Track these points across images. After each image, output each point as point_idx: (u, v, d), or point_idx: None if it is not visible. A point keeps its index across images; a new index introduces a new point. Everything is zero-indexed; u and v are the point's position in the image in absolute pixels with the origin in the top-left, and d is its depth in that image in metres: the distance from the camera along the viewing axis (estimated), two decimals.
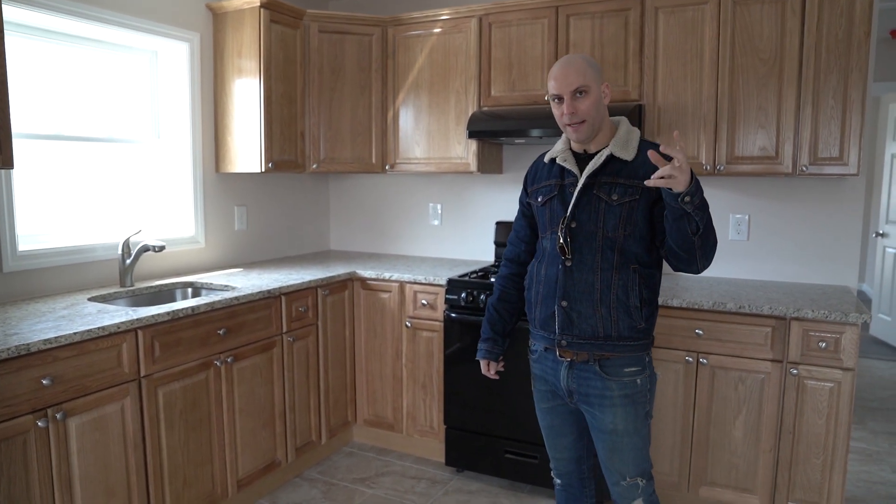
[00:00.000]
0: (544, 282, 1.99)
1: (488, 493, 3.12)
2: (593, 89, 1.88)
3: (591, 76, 1.89)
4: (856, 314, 2.49)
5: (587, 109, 1.89)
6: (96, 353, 2.18)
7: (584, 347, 1.93)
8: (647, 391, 1.97)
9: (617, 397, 1.93)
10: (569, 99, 1.89)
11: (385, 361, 3.50)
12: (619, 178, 1.90)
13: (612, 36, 3.09)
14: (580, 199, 1.93)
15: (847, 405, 2.56)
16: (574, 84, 1.87)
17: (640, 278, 1.91)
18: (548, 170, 2.07)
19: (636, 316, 1.90)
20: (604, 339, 1.91)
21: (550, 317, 1.97)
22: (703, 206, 1.71)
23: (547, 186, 2.04)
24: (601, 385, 1.94)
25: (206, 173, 3.45)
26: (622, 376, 1.93)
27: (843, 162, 2.77)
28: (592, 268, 1.91)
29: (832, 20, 2.72)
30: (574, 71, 1.88)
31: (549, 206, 2.02)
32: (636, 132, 1.99)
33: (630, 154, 1.92)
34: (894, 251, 6.02)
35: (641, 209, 1.89)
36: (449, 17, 3.46)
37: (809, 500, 2.65)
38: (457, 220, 4.01)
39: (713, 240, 1.81)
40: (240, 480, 2.84)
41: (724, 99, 2.92)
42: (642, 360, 1.96)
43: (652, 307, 1.96)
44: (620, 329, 1.90)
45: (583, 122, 1.90)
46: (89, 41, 2.98)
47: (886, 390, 4.71)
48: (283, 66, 3.39)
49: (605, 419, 1.95)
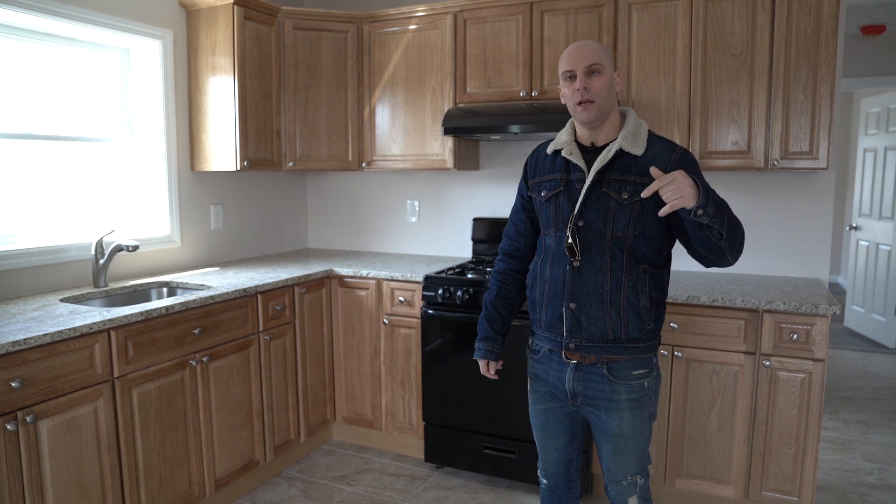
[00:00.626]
0: (550, 282, 1.92)
1: (467, 488, 3.13)
2: (607, 71, 1.83)
3: (605, 58, 1.84)
4: (826, 306, 2.53)
5: (600, 88, 1.82)
6: (67, 355, 2.16)
7: (592, 350, 1.88)
8: (653, 392, 1.94)
9: (624, 401, 1.88)
10: (581, 75, 1.82)
11: (363, 359, 3.50)
12: (629, 175, 1.83)
13: (585, 32, 3.11)
14: (588, 196, 1.85)
15: (818, 395, 2.60)
16: (588, 60, 1.82)
17: (650, 279, 1.86)
18: (551, 162, 1.98)
19: (646, 317, 1.85)
20: (613, 342, 1.86)
21: (558, 319, 1.90)
22: (720, 213, 1.67)
23: (551, 181, 1.95)
24: (608, 388, 1.88)
25: (181, 172, 3.42)
26: (630, 379, 1.88)
27: (813, 156, 2.81)
28: (601, 269, 1.84)
29: (801, 16, 2.76)
30: (589, 49, 1.84)
31: (553, 202, 1.93)
32: (644, 125, 1.91)
33: (640, 149, 1.84)
34: (867, 244, 6.12)
35: (653, 208, 1.81)
36: (424, 13, 3.45)
37: (782, 490, 2.69)
38: (434, 217, 4.01)
39: (740, 234, 1.76)
40: (218, 480, 2.82)
41: (696, 94, 2.94)
42: (650, 361, 1.92)
43: (661, 307, 1.91)
44: (630, 331, 1.85)
45: (593, 101, 1.82)
46: (59, 38, 2.94)
47: (859, 380, 4.79)
48: (257, 63, 3.37)
49: (611, 422, 1.90)
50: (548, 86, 3.21)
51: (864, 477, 3.25)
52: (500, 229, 3.69)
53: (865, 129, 6.29)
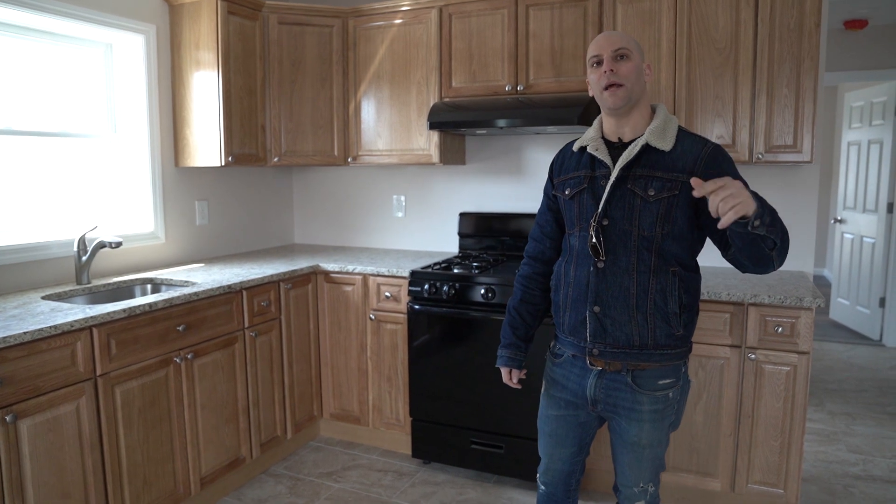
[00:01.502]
0: (574, 284, 1.84)
1: (454, 483, 3.13)
2: (635, 57, 1.76)
3: (633, 45, 1.78)
4: (810, 299, 2.55)
5: (627, 72, 1.74)
6: (49, 353, 2.13)
7: (617, 357, 1.79)
8: (677, 402, 1.86)
9: (646, 412, 1.81)
10: (608, 58, 1.75)
11: (350, 355, 3.48)
12: (656, 171, 1.74)
13: (571, 26, 3.10)
14: (613, 193, 1.77)
15: (803, 388, 2.61)
16: (616, 45, 1.75)
17: (680, 282, 1.77)
18: (577, 159, 1.90)
19: (675, 323, 1.76)
20: (639, 349, 1.77)
21: (581, 323, 1.82)
22: (775, 221, 1.53)
23: (576, 178, 1.87)
24: (631, 398, 1.81)
25: (165, 168, 3.39)
26: (655, 390, 1.80)
27: (797, 149, 2.82)
28: (627, 270, 1.75)
29: (784, 11, 2.76)
30: (616, 35, 1.79)
31: (577, 199, 1.85)
32: (674, 120, 1.82)
33: (668, 144, 1.75)
34: (852, 237, 6.17)
35: (682, 206, 1.73)
36: (409, 8, 3.43)
37: (768, 482, 2.71)
38: (421, 212, 4.00)
39: (788, 241, 1.62)
40: (203, 478, 2.81)
41: (681, 88, 2.95)
42: (678, 370, 1.83)
43: (692, 312, 1.82)
44: (657, 337, 1.76)
45: (621, 85, 1.74)
46: (39, 33, 2.90)
47: (844, 372, 4.83)
48: (242, 58, 3.35)
49: (630, 431, 1.84)
50: (533, 80, 3.20)
51: (849, 468, 3.28)
52: (486, 224, 3.69)
53: (849, 123, 6.34)
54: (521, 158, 3.68)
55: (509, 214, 3.65)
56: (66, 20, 2.85)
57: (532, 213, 3.58)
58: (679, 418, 1.91)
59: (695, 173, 1.70)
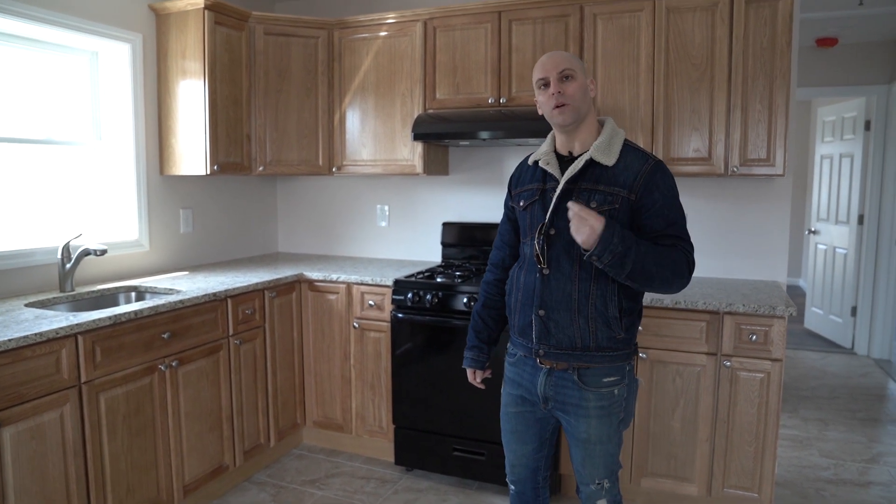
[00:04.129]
0: (523, 289, 1.95)
1: (437, 490, 3.16)
2: (580, 76, 1.87)
3: (576, 65, 1.88)
4: (783, 307, 2.62)
5: (574, 92, 1.85)
6: (33, 360, 2.14)
7: (561, 358, 1.90)
8: (624, 400, 1.94)
9: (593, 408, 1.90)
10: (555, 80, 1.86)
11: (333, 363, 3.51)
12: (598, 185, 1.85)
13: (552, 41, 3.18)
14: (559, 205, 1.87)
15: (776, 394, 2.69)
16: (561, 66, 1.86)
17: (620, 288, 1.85)
18: (531, 172, 2.02)
19: (615, 326, 1.86)
20: (582, 350, 1.87)
21: (528, 325, 1.93)
22: (618, 265, 1.72)
23: (529, 190, 1.99)
24: (578, 395, 1.90)
25: (150, 176, 3.40)
26: (600, 387, 1.89)
27: (770, 163, 2.91)
28: (570, 277, 1.85)
29: (757, 29, 2.86)
30: (560, 57, 1.89)
31: (529, 210, 1.97)
32: (620, 135, 1.92)
33: (611, 159, 1.85)
34: (825, 247, 6.31)
35: (621, 219, 1.83)
36: (394, 20, 3.49)
37: (743, 486, 2.78)
38: (404, 222, 4.04)
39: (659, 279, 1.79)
40: (186, 485, 2.81)
41: (659, 102, 3.03)
42: (622, 369, 1.92)
43: (633, 317, 1.92)
44: (599, 340, 1.86)
45: (568, 104, 1.85)
46: (24, 40, 2.91)
47: (817, 380, 4.94)
48: (228, 67, 3.37)
49: (579, 428, 1.93)
50: (516, 93, 3.27)
51: (821, 472, 3.37)
52: (469, 234, 3.74)
53: (822, 137, 6.50)
54: (504, 169, 3.74)
55: (491, 224, 3.70)
56: (52, 28, 2.87)
57: None
58: (629, 416, 1.99)
59: (634, 189, 1.84)
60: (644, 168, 1.85)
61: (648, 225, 1.84)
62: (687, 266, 1.82)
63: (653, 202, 1.83)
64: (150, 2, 3.32)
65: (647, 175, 1.84)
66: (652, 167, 1.86)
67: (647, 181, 1.84)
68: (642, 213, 1.84)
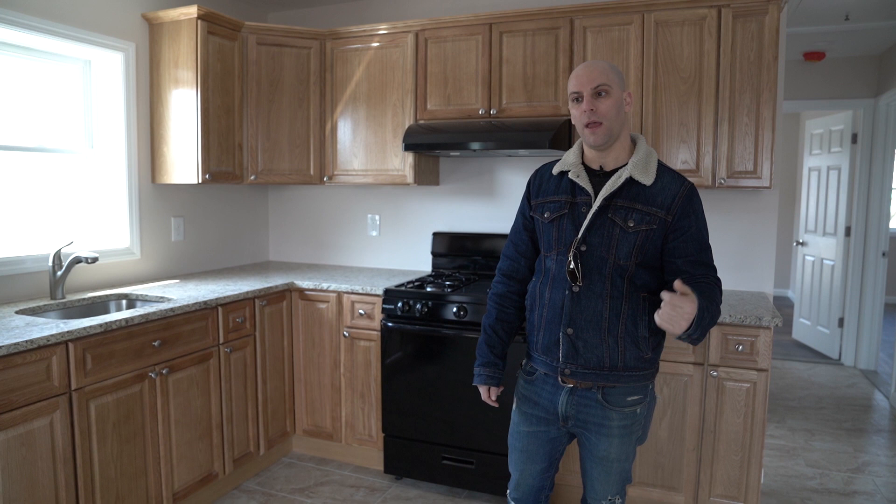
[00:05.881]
0: (549, 306, 1.89)
1: (426, 499, 3.17)
2: (615, 91, 1.80)
3: (613, 78, 1.81)
4: (769, 318, 2.66)
5: (607, 110, 1.79)
6: (24, 367, 2.14)
7: (588, 377, 1.86)
8: (644, 418, 1.93)
9: (616, 428, 1.88)
10: (588, 96, 1.80)
11: (323, 371, 3.52)
12: (636, 204, 1.80)
13: (543, 53, 3.22)
14: (594, 221, 1.82)
15: (762, 404, 2.72)
16: (596, 81, 1.79)
17: (650, 307, 1.82)
18: (556, 183, 1.94)
19: (644, 346, 1.84)
20: (609, 370, 1.84)
21: (555, 343, 1.88)
22: (701, 336, 1.70)
23: (556, 203, 1.92)
24: (601, 414, 1.88)
25: (142, 184, 3.41)
26: (624, 406, 1.87)
27: (756, 175, 2.95)
28: (601, 295, 1.81)
29: (744, 43, 2.90)
30: (597, 69, 1.81)
31: (557, 224, 1.90)
32: (654, 154, 1.88)
33: (650, 178, 1.81)
34: (812, 259, 6.37)
35: (655, 239, 1.81)
36: (386, 31, 3.52)
37: (730, 495, 2.80)
38: (395, 231, 4.07)
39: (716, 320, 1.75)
40: (176, 493, 2.81)
41: (648, 115, 3.07)
42: (646, 388, 1.90)
43: (659, 336, 1.89)
44: (627, 360, 1.83)
45: (601, 123, 1.80)
46: (17, 48, 2.92)
47: (804, 390, 4.98)
48: (220, 77, 3.40)
49: (600, 446, 1.92)
50: (506, 104, 3.30)
51: (807, 482, 3.39)
52: (459, 244, 3.77)
53: (810, 150, 6.57)
54: (494, 180, 3.77)
55: (482, 234, 3.73)
56: (45, 36, 2.88)
57: (504, 233, 3.66)
58: (646, 433, 1.99)
59: (671, 211, 1.81)
60: (682, 191, 1.83)
61: (682, 248, 1.82)
62: (721, 296, 1.81)
63: (688, 226, 1.81)
64: (143, 11, 3.34)
65: (685, 198, 1.82)
66: (689, 190, 1.84)
67: (684, 204, 1.81)
68: (677, 235, 1.81)
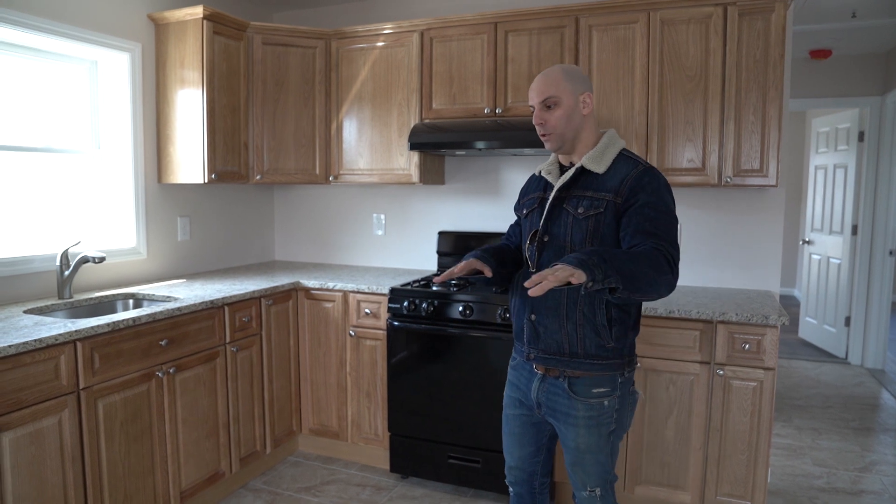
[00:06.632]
0: (519, 293, 2.01)
1: (432, 498, 3.17)
2: (565, 100, 1.88)
3: (563, 87, 1.88)
4: (775, 317, 2.65)
5: (554, 122, 1.90)
6: (32, 366, 2.15)
7: (551, 362, 1.93)
8: (615, 411, 1.93)
9: (581, 418, 1.92)
10: (538, 110, 1.92)
11: (329, 370, 3.52)
12: (587, 192, 1.89)
13: (548, 52, 3.21)
14: (552, 212, 1.94)
15: (769, 402, 2.71)
16: (543, 94, 1.90)
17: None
18: (536, 182, 2.10)
19: (604, 334, 1.87)
20: (570, 356, 1.90)
21: (521, 329, 2.00)
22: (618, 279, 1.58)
23: (531, 199, 2.07)
24: (568, 403, 1.93)
25: (148, 184, 3.42)
26: (590, 397, 1.90)
27: (763, 174, 2.94)
28: None
29: (750, 41, 2.90)
30: (546, 82, 1.90)
31: (530, 218, 2.04)
32: (618, 145, 1.95)
33: (602, 167, 1.89)
34: (819, 257, 6.35)
35: (609, 222, 1.85)
36: (391, 31, 3.53)
37: (736, 494, 2.79)
38: (400, 230, 4.07)
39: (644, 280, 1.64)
40: (183, 492, 2.82)
41: (654, 113, 3.06)
42: (614, 380, 1.91)
43: (624, 326, 1.90)
44: (587, 346, 1.88)
45: (550, 133, 1.91)
46: (25, 49, 2.94)
47: (811, 389, 4.96)
48: (226, 77, 3.40)
49: (568, 435, 1.96)
50: (511, 103, 3.30)
51: (814, 481, 3.39)
52: (464, 243, 3.77)
53: (816, 148, 6.55)
54: (499, 179, 3.77)
55: (487, 233, 3.73)
56: (52, 37, 2.90)
57: None
58: (622, 427, 1.98)
59: (620, 192, 1.84)
60: (632, 173, 1.86)
61: (628, 222, 1.80)
62: (667, 263, 1.70)
63: (636, 201, 1.81)
64: (149, 11, 3.35)
65: (635, 179, 1.84)
66: (641, 171, 1.86)
67: (633, 184, 1.84)
68: (627, 212, 1.82)
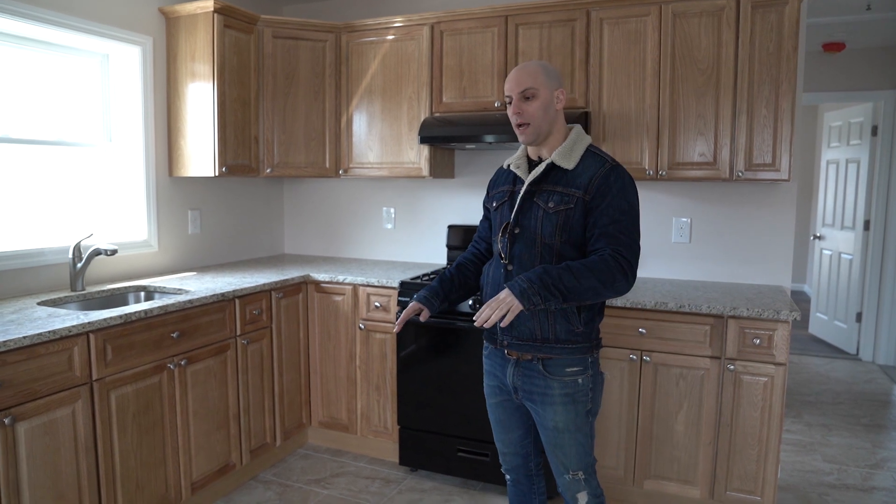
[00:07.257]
0: (491, 283, 2.07)
1: (441, 491, 3.18)
2: (542, 93, 1.96)
3: (541, 80, 1.96)
4: (787, 312, 2.64)
5: (532, 112, 1.96)
6: (47, 357, 2.17)
7: (524, 348, 2.01)
8: (590, 390, 2.02)
9: (558, 395, 1.99)
10: (516, 100, 1.98)
11: (339, 363, 3.53)
12: (557, 187, 1.97)
13: (559, 45, 3.20)
14: (522, 205, 2.01)
15: (779, 398, 2.70)
16: (523, 85, 1.96)
17: None
18: (505, 176, 2.16)
19: (574, 320, 1.95)
20: (542, 342, 1.98)
21: None
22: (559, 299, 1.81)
23: (501, 192, 2.13)
24: (543, 383, 2.00)
25: (159, 177, 3.44)
26: (564, 375, 1.98)
27: (775, 168, 2.93)
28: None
29: (763, 34, 2.87)
30: (525, 74, 1.97)
31: (500, 211, 2.11)
32: (585, 141, 2.03)
33: (571, 163, 1.97)
34: (830, 253, 6.31)
35: (578, 217, 1.94)
36: (402, 24, 3.52)
37: (746, 489, 2.79)
38: (410, 224, 4.07)
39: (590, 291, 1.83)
40: (194, 483, 2.84)
41: (665, 107, 3.05)
42: (584, 360, 2.00)
43: (591, 312, 2.00)
44: (558, 332, 1.96)
45: (528, 124, 1.97)
46: (36, 42, 2.95)
47: (821, 385, 4.94)
48: (236, 70, 3.41)
49: (546, 416, 2.02)
50: None
51: (824, 477, 3.37)
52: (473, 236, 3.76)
53: (828, 142, 6.50)
54: None
55: None
56: (64, 31, 2.91)
57: None
58: (596, 407, 2.07)
59: (588, 190, 1.93)
60: (600, 171, 1.94)
61: (593, 222, 1.92)
62: (621, 269, 1.84)
63: (602, 202, 1.91)
64: (160, 5, 3.36)
65: (602, 178, 1.93)
66: (608, 170, 1.95)
67: (600, 183, 1.92)
68: (593, 212, 1.92)
